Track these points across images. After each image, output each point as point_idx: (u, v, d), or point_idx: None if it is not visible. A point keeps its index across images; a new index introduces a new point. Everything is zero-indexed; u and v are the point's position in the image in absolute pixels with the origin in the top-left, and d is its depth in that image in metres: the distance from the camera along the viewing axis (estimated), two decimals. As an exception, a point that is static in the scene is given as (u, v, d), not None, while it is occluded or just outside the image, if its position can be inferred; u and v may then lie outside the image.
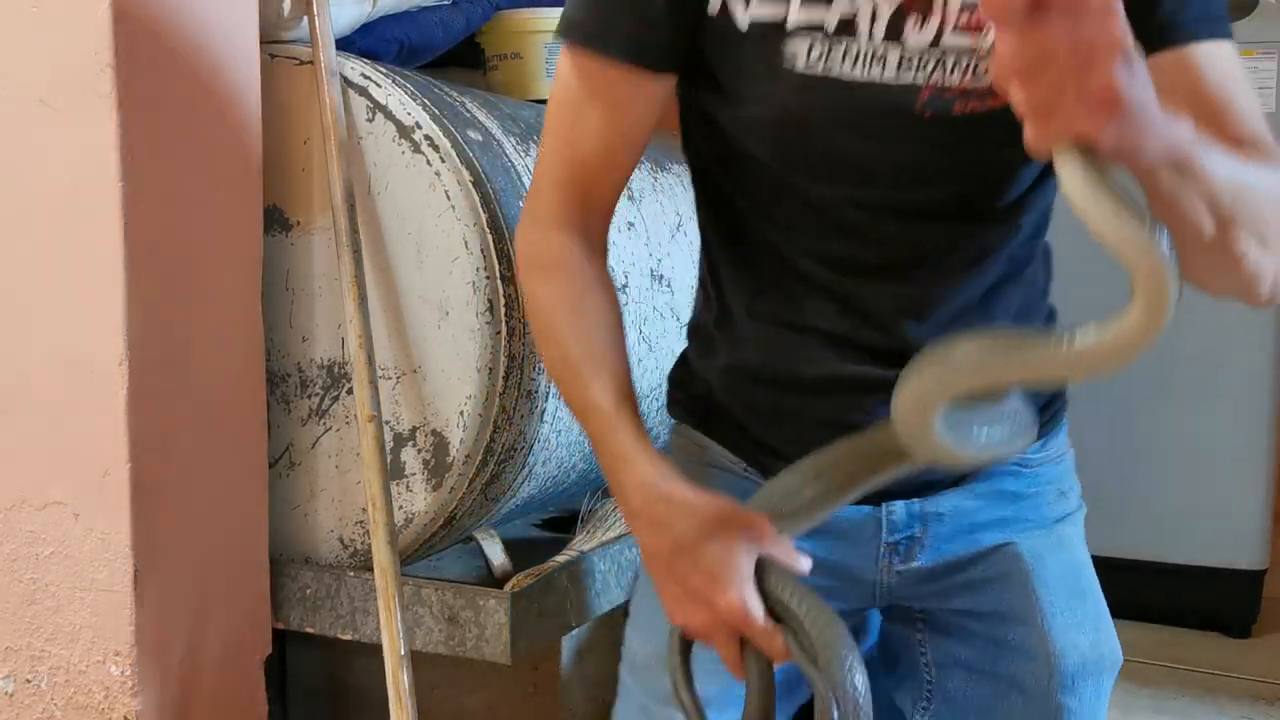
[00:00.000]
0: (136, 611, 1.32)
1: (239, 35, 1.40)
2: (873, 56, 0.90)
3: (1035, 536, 1.05)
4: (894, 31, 0.90)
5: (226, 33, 1.38)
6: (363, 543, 1.46)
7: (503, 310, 1.38)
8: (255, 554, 1.46)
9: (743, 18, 0.91)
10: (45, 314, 1.33)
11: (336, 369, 1.46)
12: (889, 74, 0.90)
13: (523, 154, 1.53)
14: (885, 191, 0.95)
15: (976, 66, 0.90)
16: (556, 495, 1.72)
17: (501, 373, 1.39)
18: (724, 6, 0.91)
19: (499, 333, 1.38)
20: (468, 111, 1.52)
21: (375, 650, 1.36)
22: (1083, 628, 1.04)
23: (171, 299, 1.34)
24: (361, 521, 1.46)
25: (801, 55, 0.90)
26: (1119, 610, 2.67)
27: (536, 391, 1.46)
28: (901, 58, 0.90)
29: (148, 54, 1.29)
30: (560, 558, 1.52)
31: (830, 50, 0.90)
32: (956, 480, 1.03)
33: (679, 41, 0.94)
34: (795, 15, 0.90)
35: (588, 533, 1.65)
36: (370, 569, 1.37)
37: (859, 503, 0.97)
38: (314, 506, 1.49)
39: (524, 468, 1.53)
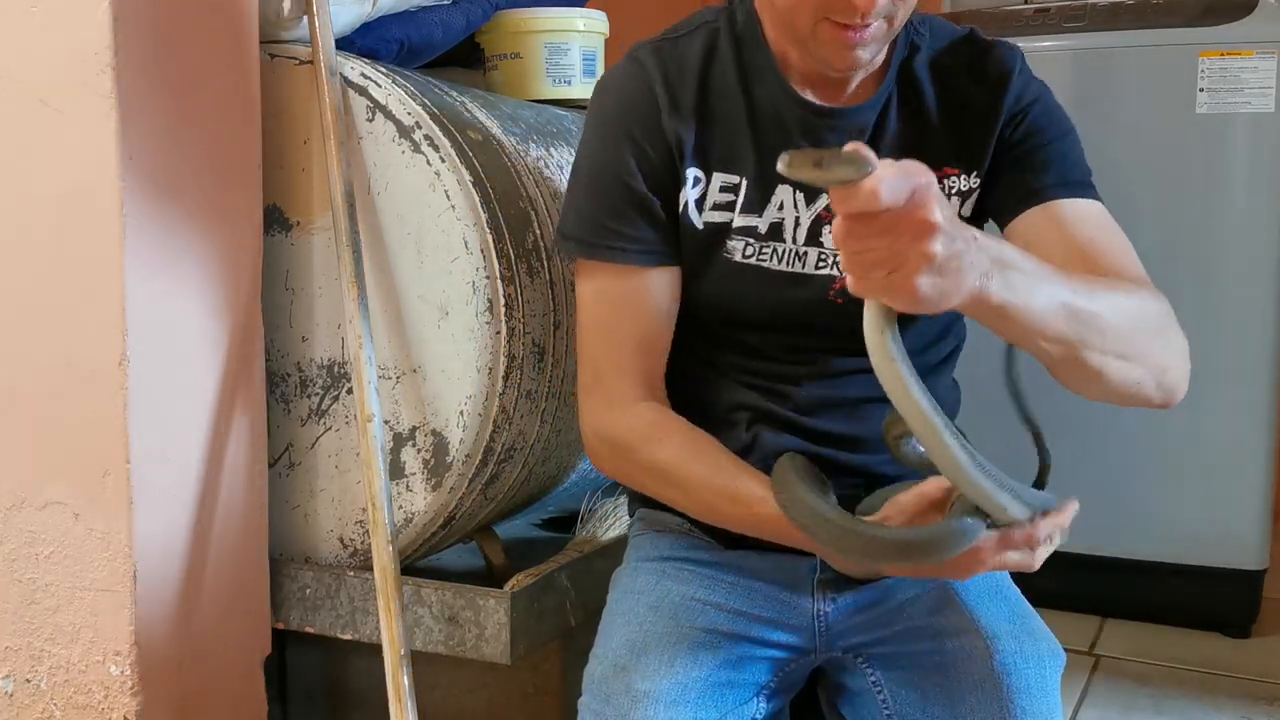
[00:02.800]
0: (136, 611, 1.32)
1: (239, 35, 1.40)
2: (795, 255, 1.12)
3: None
4: (813, 237, 1.12)
5: (226, 33, 1.38)
6: (362, 542, 1.46)
7: (502, 310, 1.38)
8: (255, 554, 1.46)
9: (699, 219, 1.12)
10: (45, 314, 1.33)
11: (336, 369, 1.46)
12: (809, 268, 1.12)
13: (522, 154, 1.53)
14: (790, 338, 1.14)
15: None
16: (556, 495, 1.72)
17: (501, 373, 1.39)
18: (686, 208, 1.12)
19: (499, 333, 1.38)
20: (468, 111, 1.52)
21: (375, 650, 1.36)
22: (1010, 619, 1.11)
23: (171, 299, 1.34)
24: (361, 521, 1.46)
25: (738, 251, 1.12)
26: (1120, 610, 2.68)
27: (536, 392, 1.46)
28: (819, 256, 1.12)
29: (148, 54, 1.29)
30: (560, 558, 1.52)
31: (760, 249, 1.12)
32: None
33: (676, 234, 1.13)
34: (737, 221, 1.12)
35: (587, 532, 1.65)
36: (370, 569, 1.37)
37: (793, 551, 1.11)
38: (314, 506, 1.49)
39: (523, 468, 1.53)
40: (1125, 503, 2.33)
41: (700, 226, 1.12)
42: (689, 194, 1.12)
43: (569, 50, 1.76)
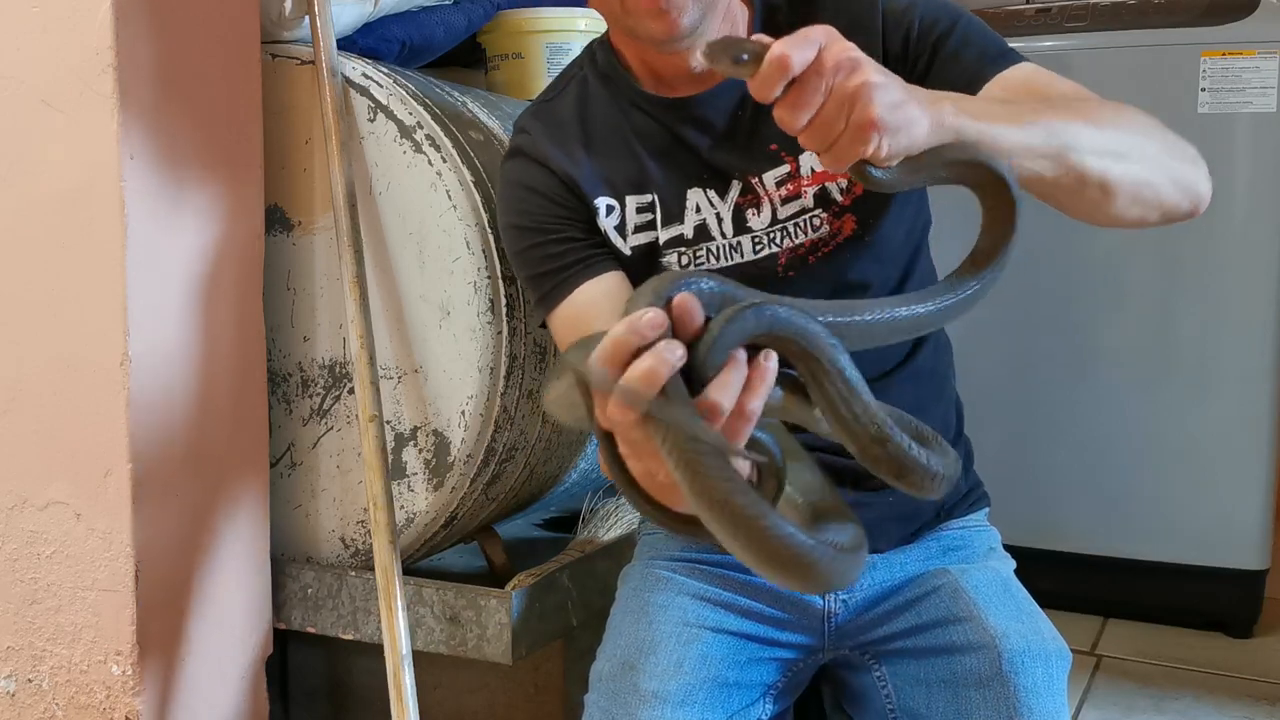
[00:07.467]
0: (138, 611, 1.32)
1: (240, 35, 1.40)
2: (730, 248, 1.11)
3: (962, 563, 1.17)
4: (740, 226, 1.11)
5: (228, 33, 1.38)
6: (364, 542, 1.46)
7: (504, 310, 1.38)
8: (256, 554, 1.46)
9: (625, 245, 1.13)
10: (45, 314, 1.33)
11: (338, 369, 1.46)
12: (748, 256, 1.11)
13: (524, 154, 1.53)
14: None
15: (811, 220, 1.10)
16: (558, 495, 1.72)
17: (503, 372, 1.39)
18: (608, 236, 1.13)
19: (500, 333, 1.38)
20: (469, 111, 1.52)
21: (376, 650, 1.36)
22: (1018, 618, 1.10)
23: (172, 299, 1.34)
24: (363, 521, 1.46)
25: (675, 264, 1.12)
26: (1121, 611, 2.68)
27: (538, 391, 1.46)
28: (754, 240, 1.11)
29: (149, 54, 1.29)
30: (562, 558, 1.52)
31: (695, 254, 1.12)
32: (901, 540, 1.18)
33: (608, 247, 1.13)
34: (663, 236, 1.12)
35: (588, 532, 1.65)
36: (371, 569, 1.37)
37: None
38: (315, 506, 1.49)
39: (525, 467, 1.53)
40: (1126, 503, 2.33)
41: (629, 252, 1.13)
42: (605, 222, 1.13)
43: (570, 50, 1.76)
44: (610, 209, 1.13)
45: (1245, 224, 2.23)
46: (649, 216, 1.12)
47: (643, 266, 1.13)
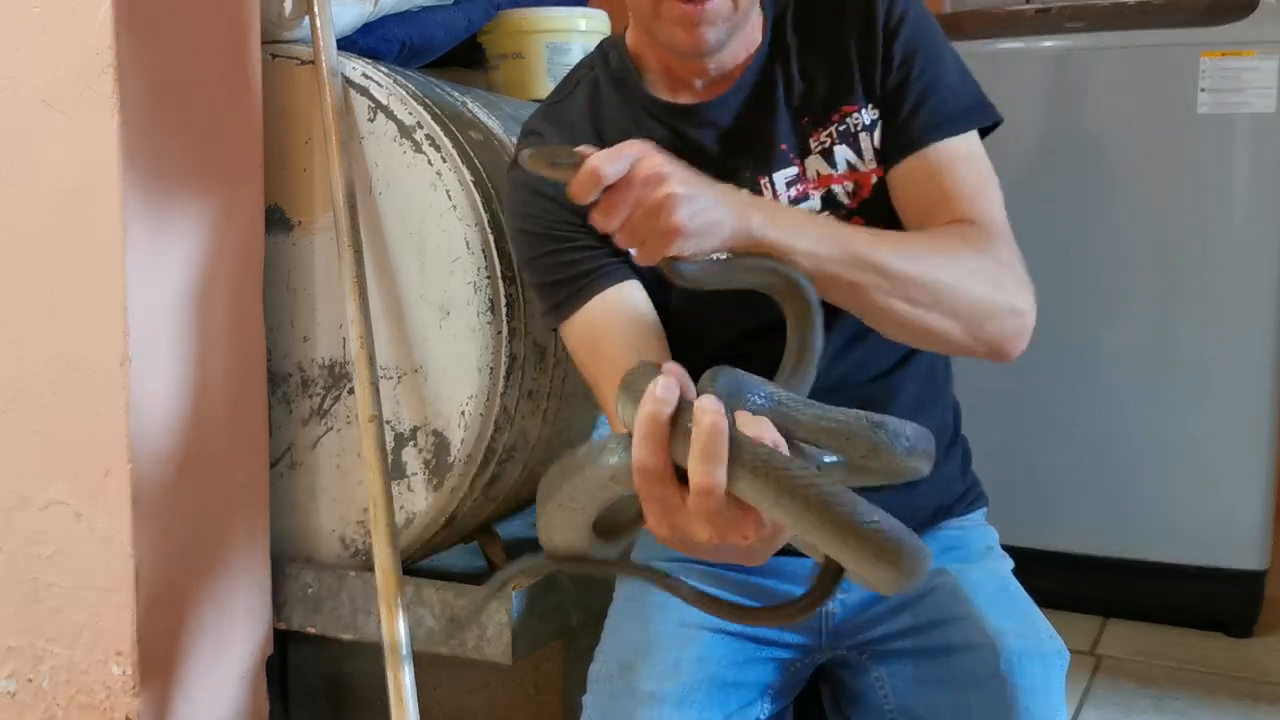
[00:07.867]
0: (138, 611, 1.32)
1: (240, 35, 1.40)
2: None
3: (960, 563, 1.17)
4: None
5: (228, 33, 1.38)
6: (364, 543, 1.46)
7: (504, 310, 1.38)
8: (256, 554, 1.46)
9: None
10: (45, 314, 1.33)
11: (338, 369, 1.46)
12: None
13: (524, 154, 1.54)
14: (756, 321, 1.07)
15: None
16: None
17: (503, 372, 1.39)
18: None
19: (500, 333, 1.38)
20: (469, 111, 1.52)
21: (376, 650, 1.36)
22: (1015, 617, 1.10)
23: (172, 299, 1.34)
24: (363, 521, 1.46)
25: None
26: (1121, 611, 2.67)
27: (538, 391, 1.46)
28: None
29: (149, 54, 1.29)
30: (561, 558, 1.52)
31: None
32: None
33: (620, 254, 1.10)
34: None
35: (589, 533, 1.65)
36: (371, 569, 1.37)
37: (800, 554, 1.10)
38: (315, 506, 1.49)
39: (525, 468, 1.53)
40: (1125, 503, 2.33)
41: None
42: None
43: (570, 50, 1.76)
44: None
45: (1245, 224, 2.23)
46: None
47: (655, 272, 1.11)
